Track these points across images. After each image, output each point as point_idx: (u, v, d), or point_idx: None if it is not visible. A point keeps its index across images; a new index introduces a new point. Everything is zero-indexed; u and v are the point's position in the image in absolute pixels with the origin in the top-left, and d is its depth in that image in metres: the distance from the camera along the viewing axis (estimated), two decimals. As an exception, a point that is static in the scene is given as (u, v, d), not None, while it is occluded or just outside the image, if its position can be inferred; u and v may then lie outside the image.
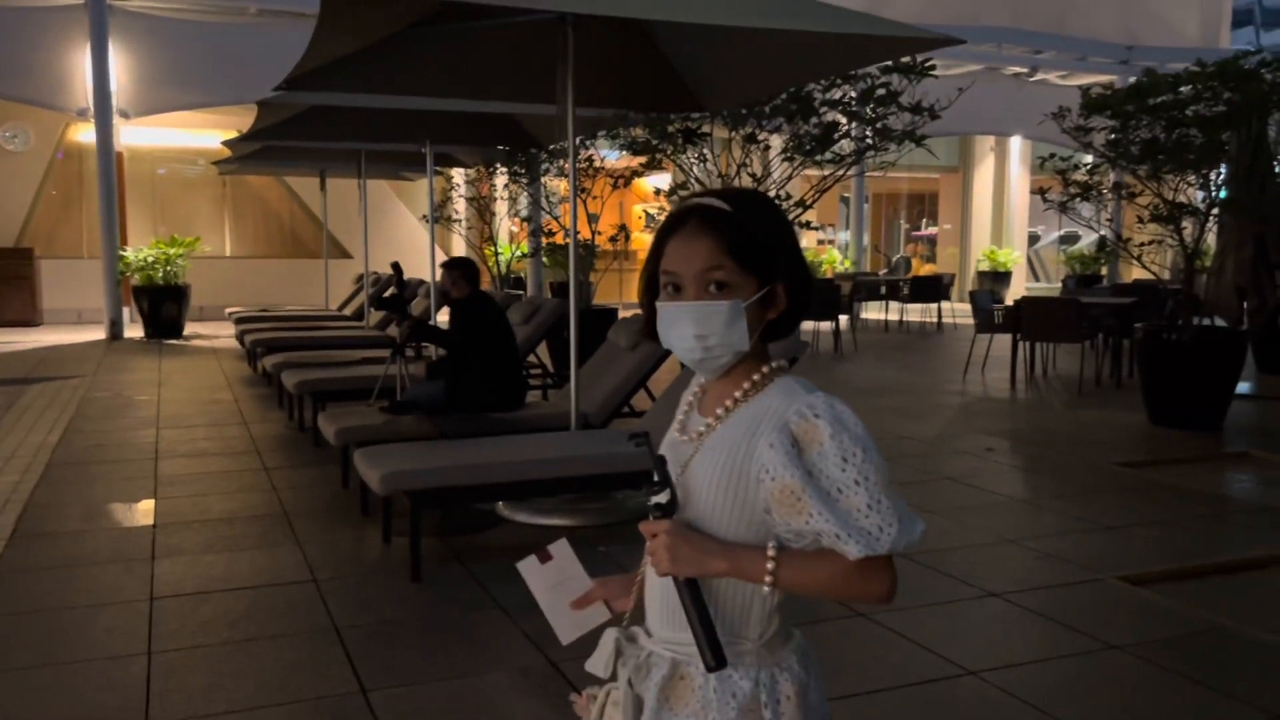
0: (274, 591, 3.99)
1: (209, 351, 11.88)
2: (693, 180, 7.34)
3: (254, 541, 4.63)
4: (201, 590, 3.97)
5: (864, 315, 16.79)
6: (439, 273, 5.98)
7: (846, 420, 1.26)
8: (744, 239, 1.31)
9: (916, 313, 16.94)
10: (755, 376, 1.34)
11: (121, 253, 13.01)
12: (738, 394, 1.34)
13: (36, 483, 5.53)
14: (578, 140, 9.14)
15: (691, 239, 1.31)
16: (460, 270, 5.67)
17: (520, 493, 4.67)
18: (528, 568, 1.51)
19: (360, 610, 3.79)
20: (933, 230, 22.66)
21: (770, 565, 1.25)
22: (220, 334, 13.27)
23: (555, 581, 1.49)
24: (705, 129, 7.11)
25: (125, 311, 13.25)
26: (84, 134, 14.15)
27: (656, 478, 1.30)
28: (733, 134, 6.97)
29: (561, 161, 10.68)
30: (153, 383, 9.41)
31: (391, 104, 6.61)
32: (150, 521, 4.93)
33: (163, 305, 13.07)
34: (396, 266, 6.58)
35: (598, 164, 10.84)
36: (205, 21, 13.47)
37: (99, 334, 13.05)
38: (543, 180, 11.74)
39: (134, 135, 14.32)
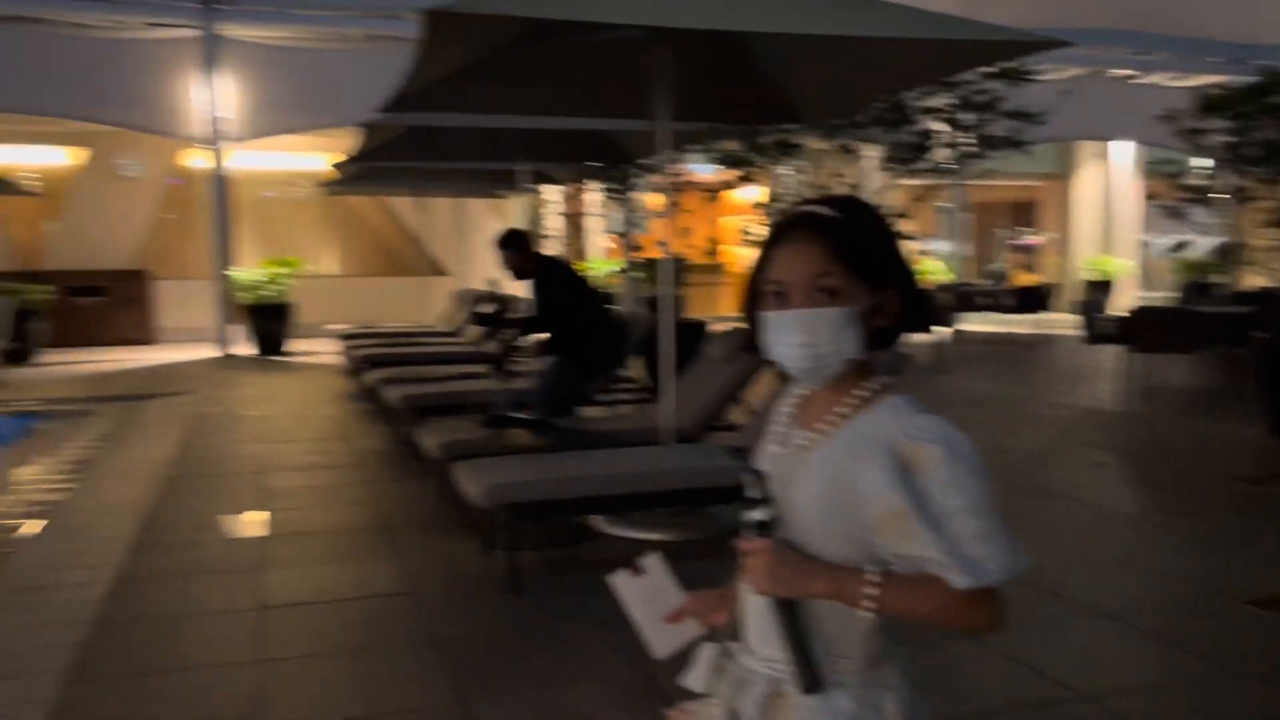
0: (376, 603, 4.06)
1: (313, 367, 12.24)
2: (786, 193, 7.28)
3: (357, 554, 4.73)
4: (307, 601, 4.07)
5: (965, 327, 16.41)
6: (501, 255, 6.01)
7: (959, 445, 1.22)
8: (853, 244, 1.29)
9: (1018, 324, 16.48)
10: (861, 391, 1.31)
11: (231, 273, 13.51)
12: (843, 408, 1.31)
13: (154, 495, 5.76)
14: (671, 154, 9.15)
15: (799, 246, 1.30)
16: (513, 245, 5.76)
17: (616, 507, 4.68)
18: (621, 582, 1.50)
19: (460, 622, 3.84)
20: (1033, 239, 22.05)
21: (871, 590, 1.22)
22: (323, 350, 13.67)
23: (648, 596, 1.48)
24: (799, 141, 7.05)
25: (235, 329, 13.75)
26: (197, 159, 14.76)
27: (755, 493, 1.27)
28: (827, 145, 6.90)
29: (654, 176, 10.72)
30: (261, 398, 9.73)
31: (487, 123, 6.73)
32: (260, 533, 5.09)
33: (270, 323, 13.52)
34: (492, 285, 6.71)
35: (689, 178, 10.86)
36: (310, 48, 13.93)
37: (211, 351, 13.57)
38: (635, 194, 11.80)
39: (243, 159, 14.88)
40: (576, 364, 5.72)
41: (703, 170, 11.32)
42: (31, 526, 5.11)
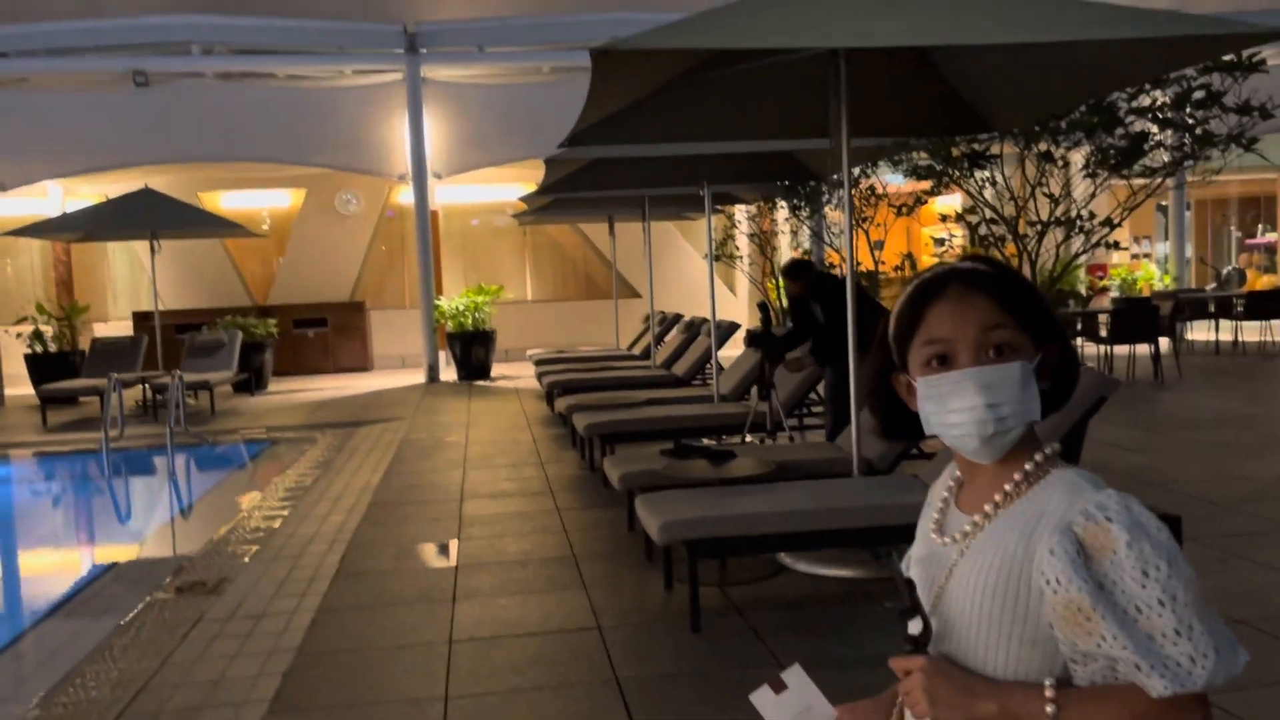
0: (560, 638, 4.08)
1: (512, 392, 12.64)
2: (982, 204, 6.90)
3: (544, 585, 4.78)
4: (495, 635, 4.13)
5: (1189, 336, 15.12)
6: (784, 284, 6.80)
7: (1146, 524, 1.05)
8: (1020, 294, 1.16)
9: (1254, 332, 15.02)
10: (1028, 465, 1.16)
11: (437, 302, 14.17)
12: (1008, 486, 1.16)
13: (359, 522, 6.05)
14: (856, 170, 8.87)
15: (962, 301, 1.16)
16: (798, 274, 6.44)
17: (801, 544, 4.52)
18: (762, 700, 1.35)
19: (641, 661, 3.79)
20: (1271, 237, 20.10)
21: (1050, 709, 1.05)
22: (523, 374, 14.09)
23: (794, 712, 1.33)
24: (994, 149, 6.66)
25: (441, 355, 14.40)
26: (404, 195, 15.60)
27: (906, 603, 1.13)
28: (1025, 151, 6.50)
29: (842, 192, 10.45)
30: (462, 424, 10.10)
31: (669, 151, 6.73)
32: (453, 563, 5.24)
33: (473, 349, 14.09)
34: (764, 306, 6.74)
35: (879, 191, 10.52)
36: (505, 84, 14.47)
37: (419, 377, 14.26)
38: (824, 211, 11.54)
39: (446, 194, 15.60)
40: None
41: (893, 181, 10.94)
42: (249, 553, 5.46)
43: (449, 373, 14.35)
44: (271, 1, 15.37)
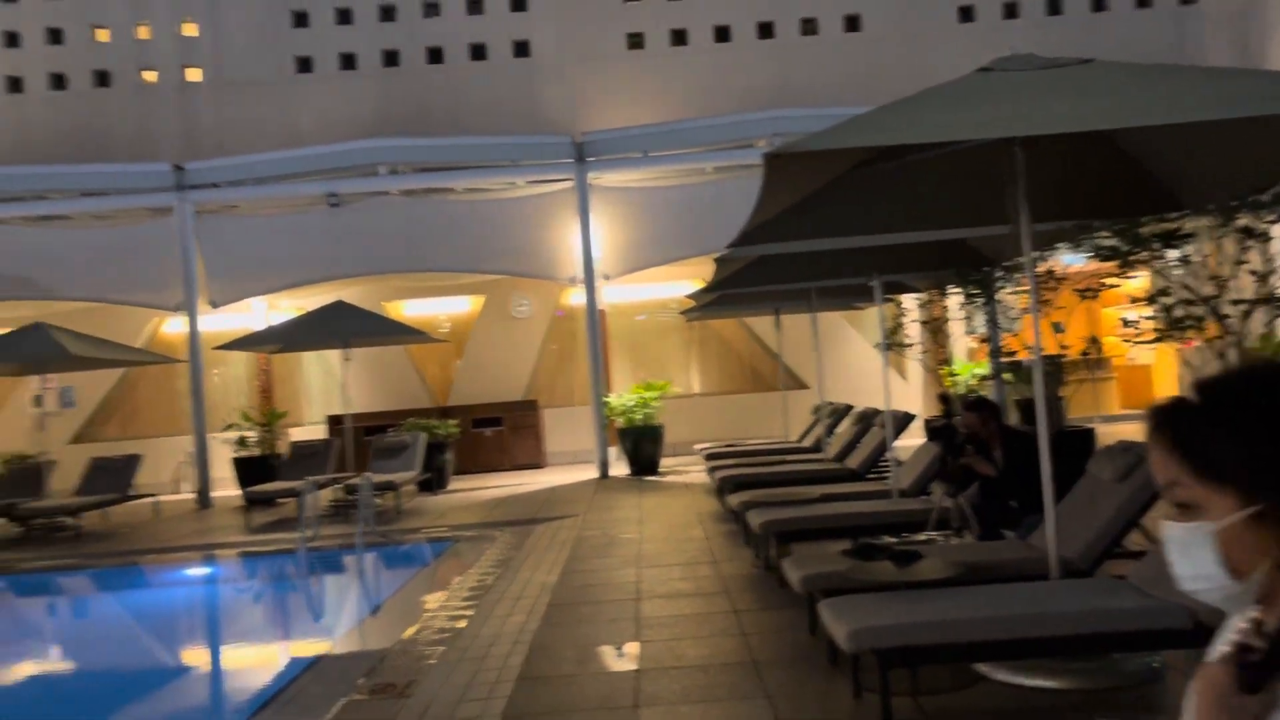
0: (746, 750, 3.95)
1: (682, 487, 12.63)
2: (1175, 284, 6.52)
3: (726, 692, 4.67)
4: (678, 744, 4.05)
5: None
6: (964, 415, 6.48)
7: None
8: (1201, 443, 1.04)
9: None
10: None
11: (606, 399, 14.42)
12: None
13: (539, 624, 6.11)
14: (1035, 254, 8.53)
15: (1151, 449, 1.09)
16: (989, 411, 6.20)
17: (999, 653, 4.26)
18: None
19: (832, 778, 3.62)
20: None
21: None
22: (691, 468, 14.09)
23: None
24: (1186, 226, 6.32)
25: (611, 451, 14.58)
26: (574, 296, 16.10)
27: None
28: (1222, 227, 6.12)
29: (1019, 276, 10.10)
30: (634, 520, 10.14)
31: (837, 243, 6.69)
32: (633, 667, 5.20)
33: (642, 444, 14.21)
34: (946, 398, 6.67)
35: (1058, 274, 10.11)
36: (668, 186, 14.85)
37: (591, 473, 14.46)
38: (998, 296, 11.17)
39: (614, 293, 16.00)
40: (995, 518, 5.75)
41: (1074, 261, 10.52)
42: (436, 654, 5.58)
43: (620, 468, 14.49)
44: (451, 122, 16.42)
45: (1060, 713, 4.20)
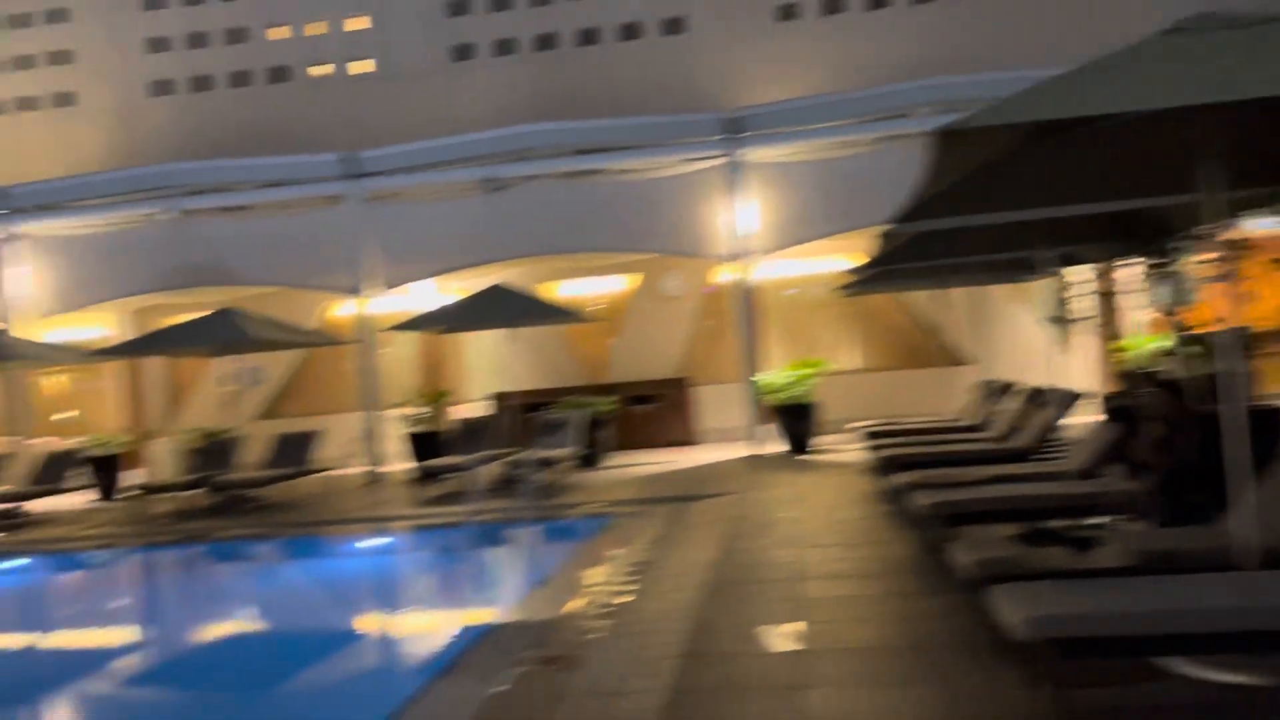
0: (916, 736, 3.92)
1: (838, 466, 12.48)
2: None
3: (894, 676, 4.63)
4: (846, 727, 4.04)
5: None
6: (1150, 394, 6.04)
7: None
8: None
9: None
10: None
11: (759, 376, 14.37)
12: None
13: (701, 601, 6.18)
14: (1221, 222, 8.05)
15: None
16: (1178, 391, 5.72)
17: (1187, 647, 4.06)
18: None
19: (1007, 769, 3.55)
20: None
21: None
22: (848, 446, 13.90)
23: None
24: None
25: (765, 429, 14.53)
26: (726, 274, 16.08)
27: None
28: None
29: (1201, 245, 9.50)
30: (791, 499, 10.10)
31: (1006, 217, 6.46)
32: (796, 647, 5.21)
33: (796, 422, 14.10)
34: (1132, 375, 6.45)
35: (1249, 241, 9.47)
36: (822, 160, 14.61)
37: (744, 451, 14.46)
38: (1180, 268, 10.55)
39: (767, 269, 15.88)
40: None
41: (1266, 225, 9.84)
42: (602, 628, 5.73)
43: (773, 446, 14.42)
44: (605, 103, 16.63)
45: (1259, 710, 3.98)
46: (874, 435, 11.16)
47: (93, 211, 16.21)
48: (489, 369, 17.37)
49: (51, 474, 14.03)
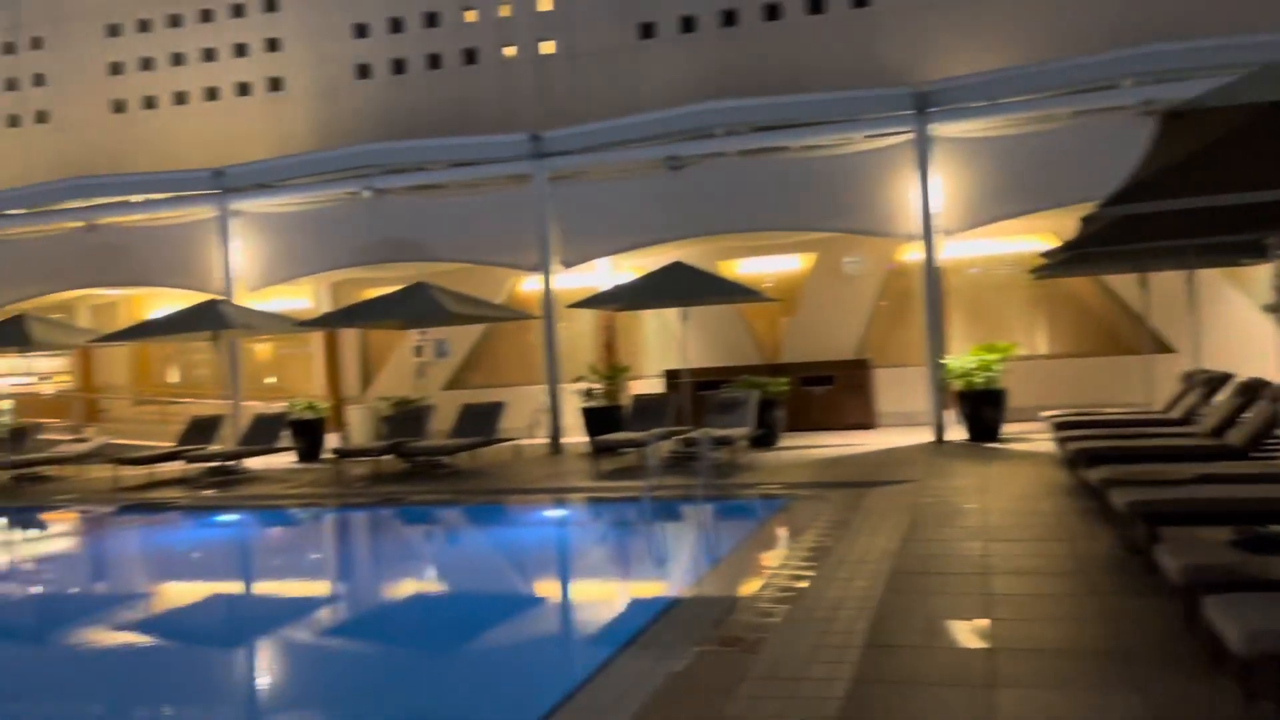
0: (1118, 748, 3.73)
1: (1027, 456, 11.96)
2: None
3: (1091, 681, 4.41)
4: (1041, 732, 3.89)
5: None
6: None
7: None
8: None
9: None
10: None
11: (943, 360, 13.91)
12: None
13: (883, 590, 6.06)
14: None
15: None
16: None
17: None
18: None
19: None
20: None
21: None
22: (1037, 436, 13.30)
23: None
24: None
25: (947, 414, 14.07)
26: (910, 253, 15.61)
27: None
28: None
29: None
30: (974, 489, 9.75)
31: (1241, 199, 5.98)
32: (984, 644, 5.04)
33: (982, 408, 13.58)
34: None
35: None
36: (1016, 135, 13.94)
37: (925, 436, 14.05)
38: None
39: (953, 249, 15.35)
40: None
41: None
42: (781, 613, 5.71)
43: (956, 432, 13.96)
44: (789, 79, 16.37)
45: None
46: (1066, 425, 10.63)
47: (297, 190, 17.27)
48: (663, 345, 17.53)
49: (261, 435, 15.13)
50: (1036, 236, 15.00)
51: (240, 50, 20.52)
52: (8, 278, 18.62)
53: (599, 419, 14.85)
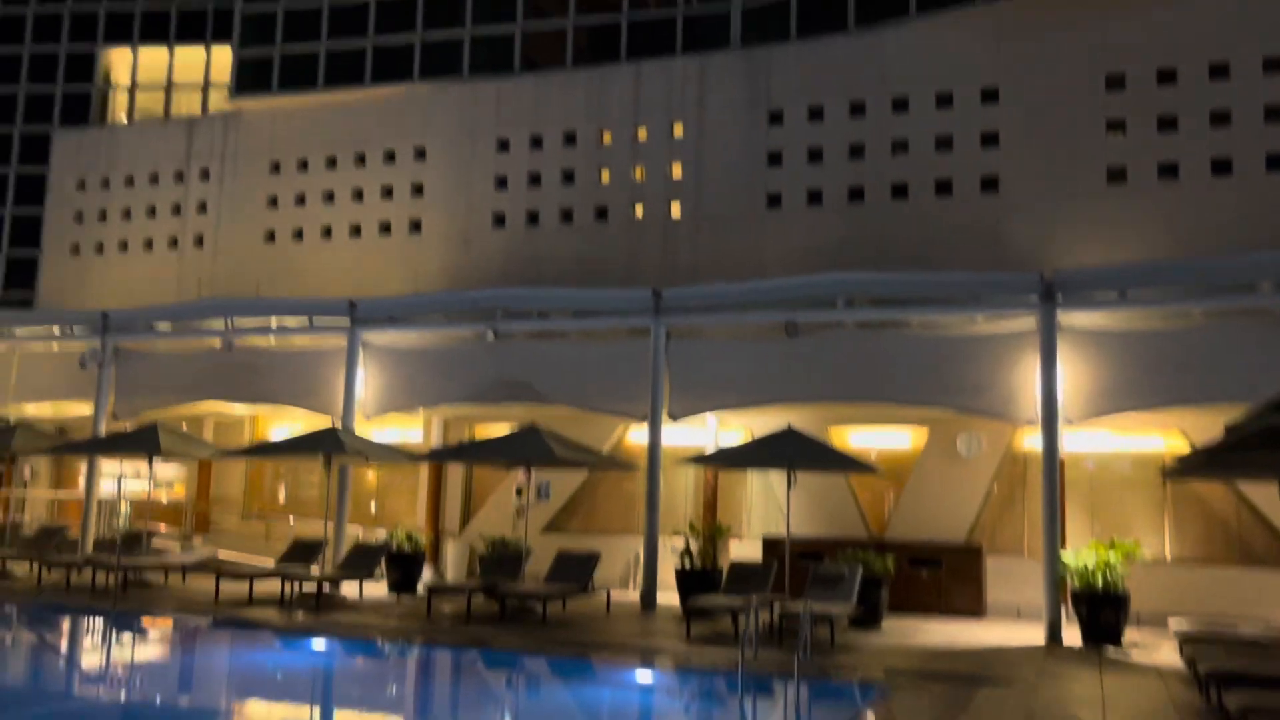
0: None
1: (1150, 668, 11.14)
2: None
3: None
4: None
5: None
6: None
7: None
8: None
9: None
10: None
11: (1063, 556, 13.25)
12: None
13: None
14: None
15: None
16: None
17: None
18: None
19: None
20: None
21: None
22: (1162, 644, 12.42)
23: None
24: None
25: (1062, 612, 13.30)
26: (1026, 439, 15.15)
27: None
28: None
29: None
30: (1092, 700, 9.10)
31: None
32: None
33: (1101, 610, 12.80)
34: None
35: None
36: (1146, 330, 13.63)
37: (1036, 633, 13.27)
38: None
39: (1073, 440, 14.86)
40: None
41: None
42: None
43: (1071, 633, 13.15)
44: (913, 255, 16.51)
45: None
46: (1196, 640, 9.92)
47: (424, 326, 17.94)
48: (765, 507, 17.22)
49: (360, 563, 15.28)
50: (1158, 433, 14.44)
51: (387, 192, 21.85)
52: (147, 387, 19.64)
53: (693, 579, 14.53)
